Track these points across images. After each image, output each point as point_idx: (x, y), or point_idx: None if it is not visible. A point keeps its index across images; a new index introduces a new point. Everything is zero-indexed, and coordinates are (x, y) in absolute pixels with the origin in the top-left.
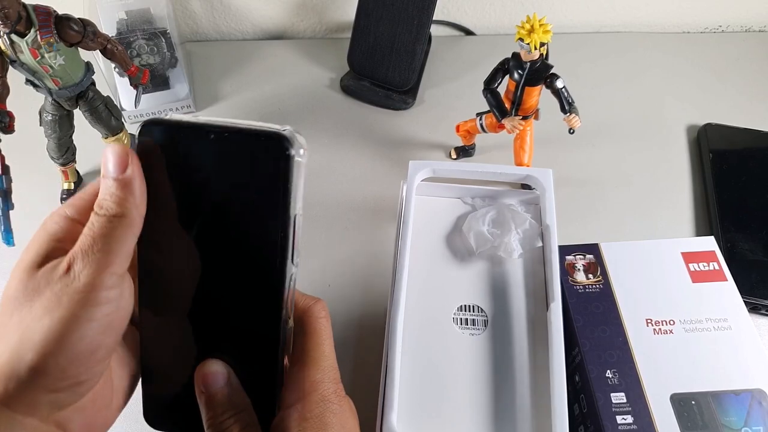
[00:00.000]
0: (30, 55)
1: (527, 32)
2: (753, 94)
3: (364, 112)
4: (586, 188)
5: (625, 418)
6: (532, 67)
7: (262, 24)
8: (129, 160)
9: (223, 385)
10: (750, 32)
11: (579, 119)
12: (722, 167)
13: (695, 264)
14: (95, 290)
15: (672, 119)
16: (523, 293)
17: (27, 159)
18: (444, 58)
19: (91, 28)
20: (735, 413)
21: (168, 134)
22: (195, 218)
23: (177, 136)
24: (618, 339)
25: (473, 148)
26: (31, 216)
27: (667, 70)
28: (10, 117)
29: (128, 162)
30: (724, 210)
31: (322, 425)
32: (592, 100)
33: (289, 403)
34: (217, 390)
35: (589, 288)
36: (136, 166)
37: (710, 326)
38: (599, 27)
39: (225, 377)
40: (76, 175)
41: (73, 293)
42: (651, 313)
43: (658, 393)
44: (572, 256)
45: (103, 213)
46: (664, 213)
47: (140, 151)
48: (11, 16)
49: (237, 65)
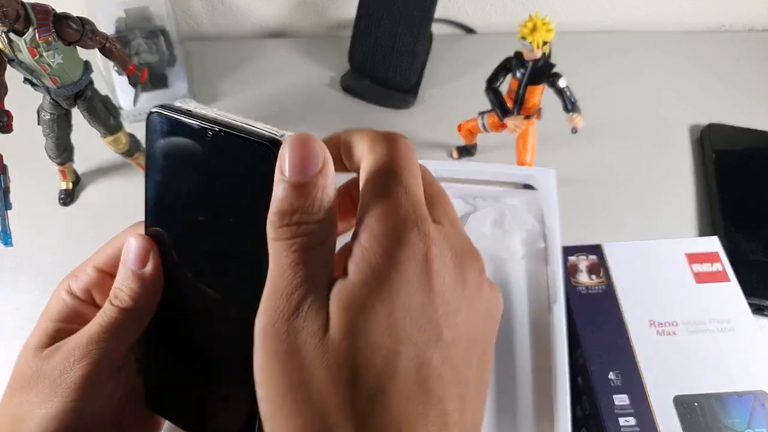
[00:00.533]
0: (28, 53)
1: (530, 30)
2: (756, 94)
3: (364, 111)
4: (589, 188)
5: (627, 420)
6: (535, 66)
7: (261, 22)
8: (150, 255)
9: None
10: (753, 32)
11: (581, 118)
12: (725, 167)
13: (699, 265)
14: (91, 383)
15: (675, 119)
16: (525, 294)
17: (25, 158)
18: (445, 57)
19: (90, 27)
20: (738, 415)
21: (171, 126)
22: (188, 212)
23: (178, 130)
24: (621, 340)
25: (475, 147)
26: (30, 216)
27: (669, 69)
28: (8, 116)
29: (149, 257)
30: (727, 210)
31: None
32: (594, 100)
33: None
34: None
35: (592, 289)
36: (156, 261)
37: (713, 327)
38: (601, 26)
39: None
40: (74, 174)
41: (70, 383)
42: (654, 315)
43: (661, 395)
44: (575, 256)
45: (117, 304)
46: (668, 213)
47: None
48: (9, 14)
49: (236, 64)
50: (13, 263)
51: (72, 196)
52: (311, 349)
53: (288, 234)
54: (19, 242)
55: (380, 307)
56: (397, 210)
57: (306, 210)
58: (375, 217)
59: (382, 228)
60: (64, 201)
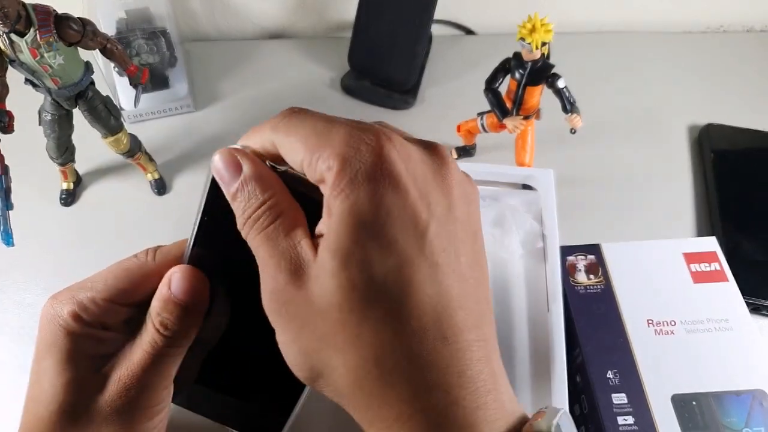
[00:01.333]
0: (29, 54)
1: (529, 31)
2: (754, 95)
3: (364, 112)
4: (588, 188)
5: (626, 419)
6: (534, 67)
7: (262, 23)
8: (199, 288)
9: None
10: (751, 32)
11: (580, 119)
12: (724, 167)
13: (696, 264)
14: (150, 411)
15: (673, 119)
16: (524, 294)
17: (26, 159)
18: (445, 57)
19: (91, 28)
20: (736, 414)
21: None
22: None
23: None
24: (619, 340)
25: (474, 148)
26: (31, 216)
27: (668, 69)
28: (9, 117)
29: (200, 288)
30: (725, 210)
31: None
32: (593, 100)
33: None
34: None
35: (591, 288)
36: (205, 289)
37: (711, 327)
38: (600, 26)
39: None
40: (75, 174)
41: (132, 412)
42: (652, 314)
43: (659, 394)
44: (573, 256)
45: (165, 333)
46: (666, 213)
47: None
48: (11, 15)
49: (237, 64)
50: (15, 263)
51: (73, 196)
52: (317, 293)
53: (247, 229)
54: (21, 242)
55: (362, 231)
56: (332, 144)
57: (249, 205)
58: (324, 164)
59: (324, 166)
60: (65, 201)
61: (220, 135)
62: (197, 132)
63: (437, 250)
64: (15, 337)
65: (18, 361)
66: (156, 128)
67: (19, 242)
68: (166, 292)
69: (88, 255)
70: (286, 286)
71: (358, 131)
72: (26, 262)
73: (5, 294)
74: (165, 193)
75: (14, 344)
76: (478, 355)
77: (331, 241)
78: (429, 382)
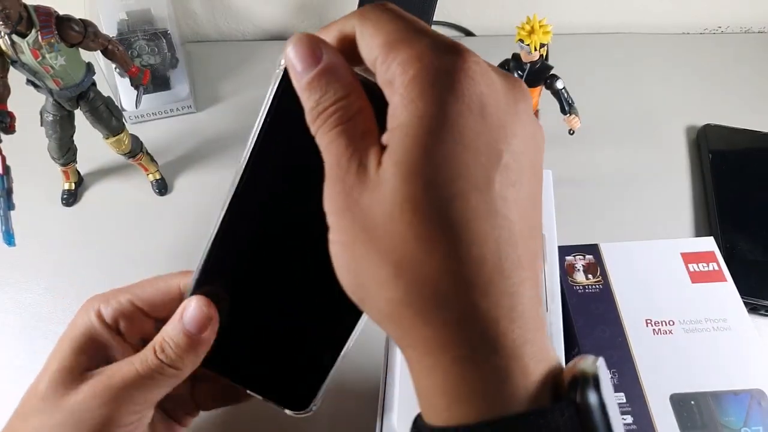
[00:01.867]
0: (31, 55)
1: (527, 33)
2: (752, 95)
3: None
4: (586, 189)
5: (624, 418)
6: (532, 68)
7: (263, 24)
8: (210, 324)
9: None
10: (749, 33)
11: (579, 120)
12: (722, 168)
13: (695, 264)
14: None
15: (671, 120)
16: None
17: (28, 159)
18: None
19: (92, 29)
20: (734, 413)
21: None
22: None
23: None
24: (617, 339)
25: None
26: (33, 216)
27: (666, 70)
28: (11, 117)
29: (208, 325)
30: (723, 210)
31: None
32: (591, 101)
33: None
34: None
35: (589, 288)
36: (213, 331)
37: (710, 326)
38: (599, 28)
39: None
40: (77, 175)
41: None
42: (650, 314)
43: (657, 393)
44: (572, 256)
45: (162, 358)
46: (664, 213)
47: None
48: (12, 16)
49: (238, 66)
50: (16, 263)
51: (75, 196)
52: (379, 201)
53: (320, 123)
54: (22, 242)
55: (431, 148)
56: (416, 50)
57: (325, 98)
58: (399, 67)
59: (410, 71)
60: (66, 201)
61: (221, 136)
62: (198, 133)
63: (507, 183)
64: (15, 337)
65: (18, 361)
66: (157, 129)
67: (21, 242)
68: (179, 319)
69: (90, 255)
70: (353, 188)
71: (444, 43)
72: (27, 262)
73: (6, 294)
74: (166, 193)
75: (14, 344)
76: (530, 293)
77: (398, 154)
78: (480, 311)
